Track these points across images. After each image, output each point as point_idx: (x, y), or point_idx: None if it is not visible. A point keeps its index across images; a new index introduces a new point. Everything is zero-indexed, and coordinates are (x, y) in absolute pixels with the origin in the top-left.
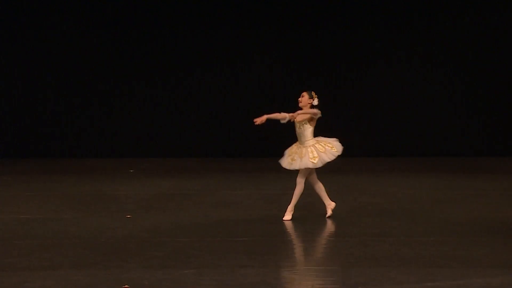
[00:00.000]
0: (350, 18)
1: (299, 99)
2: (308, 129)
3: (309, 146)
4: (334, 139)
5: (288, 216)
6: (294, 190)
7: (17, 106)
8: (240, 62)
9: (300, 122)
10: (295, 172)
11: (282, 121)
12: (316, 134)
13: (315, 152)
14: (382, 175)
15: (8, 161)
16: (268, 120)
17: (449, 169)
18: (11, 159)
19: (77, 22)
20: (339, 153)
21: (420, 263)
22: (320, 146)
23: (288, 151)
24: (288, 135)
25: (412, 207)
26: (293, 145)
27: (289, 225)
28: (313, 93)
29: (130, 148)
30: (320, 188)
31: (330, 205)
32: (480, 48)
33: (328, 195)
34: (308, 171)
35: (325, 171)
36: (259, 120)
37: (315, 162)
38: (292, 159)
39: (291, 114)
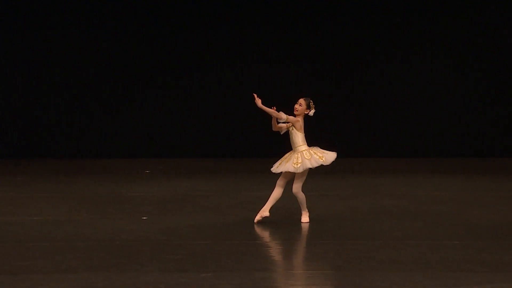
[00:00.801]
0: (350, 18)
1: (296, 106)
2: (297, 135)
3: (298, 152)
4: (333, 152)
5: (305, 218)
6: (299, 198)
7: (18, 106)
8: (240, 62)
9: (289, 127)
10: (312, 174)
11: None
12: (316, 134)
13: (299, 158)
14: (402, 176)
15: (12, 161)
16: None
17: (472, 170)
18: (14, 159)
19: (78, 22)
20: (326, 163)
21: (445, 267)
22: (308, 154)
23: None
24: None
25: (435, 209)
26: (289, 152)
27: (307, 227)
28: (311, 104)
29: (145, 148)
30: (278, 194)
31: (265, 212)
32: (482, 48)
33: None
34: (302, 176)
35: (337, 172)
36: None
37: (296, 167)
38: (279, 164)
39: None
